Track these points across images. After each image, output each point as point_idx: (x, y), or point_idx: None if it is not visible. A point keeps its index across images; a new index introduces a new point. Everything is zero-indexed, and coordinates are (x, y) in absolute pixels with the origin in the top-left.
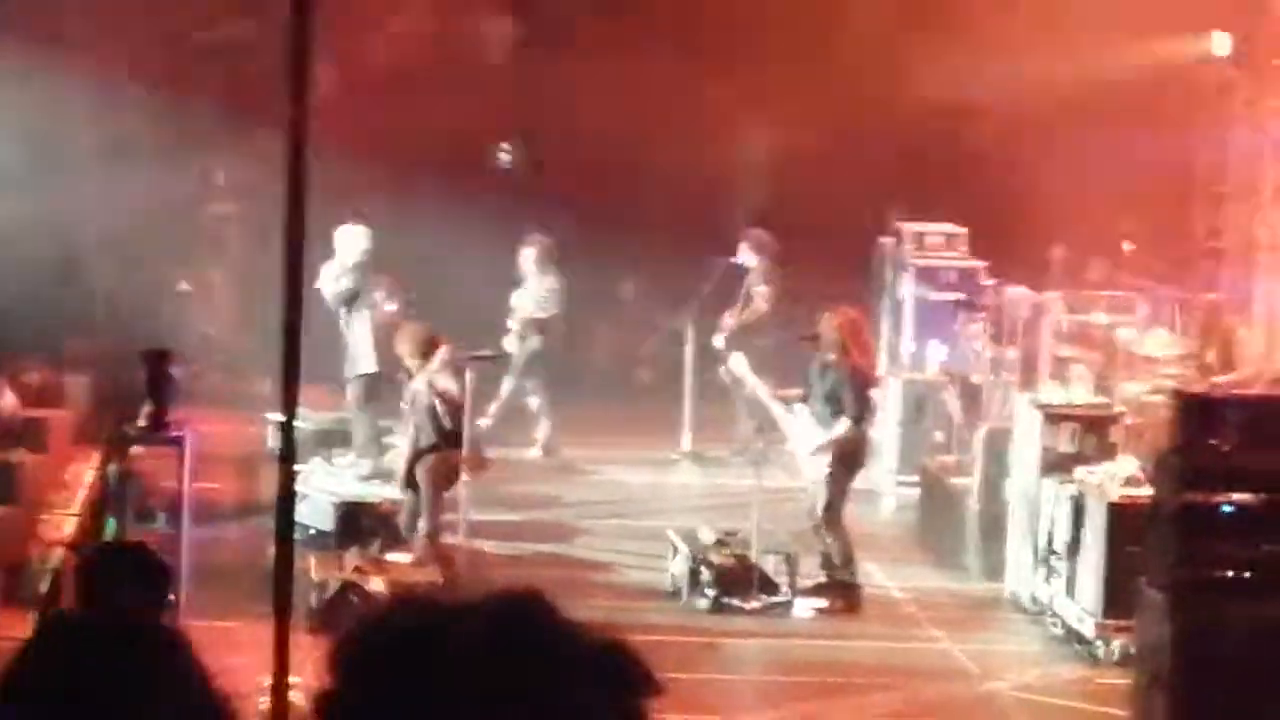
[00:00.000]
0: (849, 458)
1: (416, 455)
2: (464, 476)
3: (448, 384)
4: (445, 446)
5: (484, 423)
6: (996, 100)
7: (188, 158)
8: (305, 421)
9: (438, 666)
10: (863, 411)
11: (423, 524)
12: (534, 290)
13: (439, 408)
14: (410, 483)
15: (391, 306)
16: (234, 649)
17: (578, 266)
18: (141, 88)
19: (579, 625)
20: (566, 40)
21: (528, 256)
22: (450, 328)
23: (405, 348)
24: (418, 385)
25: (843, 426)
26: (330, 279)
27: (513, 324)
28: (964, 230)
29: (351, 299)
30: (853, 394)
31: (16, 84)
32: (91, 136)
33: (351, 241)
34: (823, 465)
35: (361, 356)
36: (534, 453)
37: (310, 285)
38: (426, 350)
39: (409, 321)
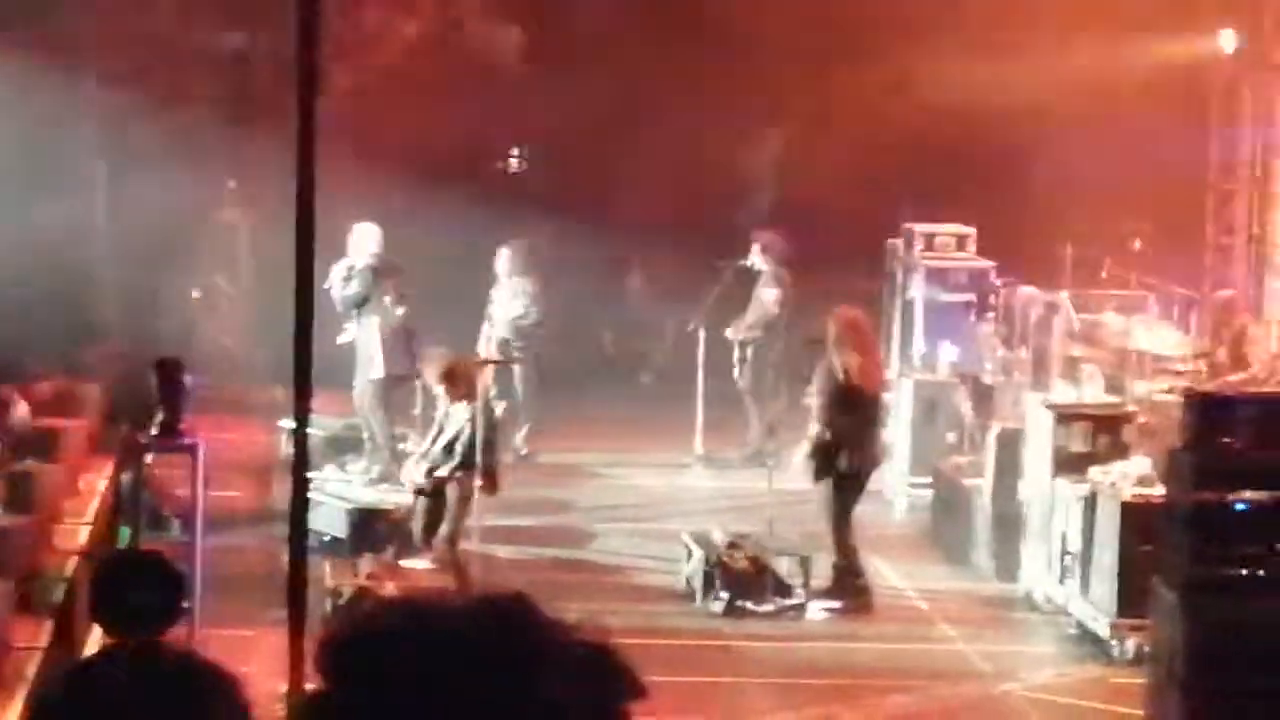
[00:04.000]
0: (824, 462)
1: (448, 468)
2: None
3: (489, 411)
4: (475, 465)
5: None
6: (1006, 101)
7: (198, 165)
8: (318, 428)
9: (417, 667)
10: (833, 416)
11: (444, 529)
12: (510, 295)
13: (475, 433)
14: (436, 490)
15: (400, 310)
16: (249, 657)
17: (588, 269)
18: (151, 95)
19: (562, 627)
20: (576, 44)
21: (503, 258)
22: (457, 331)
23: (433, 375)
24: (460, 414)
25: (811, 432)
26: (339, 280)
27: (490, 329)
28: (973, 230)
29: (361, 302)
30: (828, 398)
31: (26, 93)
32: (102, 145)
33: (363, 242)
34: (810, 472)
35: (372, 361)
36: (511, 456)
37: (320, 287)
38: (458, 378)
39: (436, 350)
